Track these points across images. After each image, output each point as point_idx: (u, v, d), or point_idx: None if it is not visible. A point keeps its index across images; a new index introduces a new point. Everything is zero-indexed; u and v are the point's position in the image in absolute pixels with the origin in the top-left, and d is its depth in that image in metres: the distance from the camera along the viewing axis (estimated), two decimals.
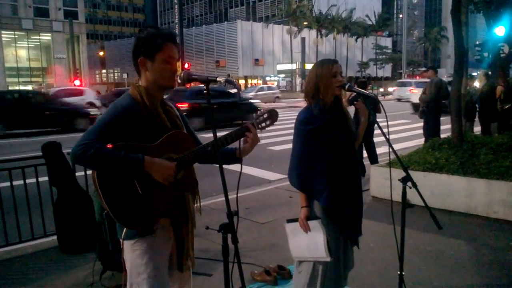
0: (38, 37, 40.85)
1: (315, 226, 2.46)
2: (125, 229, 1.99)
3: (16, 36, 39.65)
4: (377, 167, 6.31)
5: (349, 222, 2.52)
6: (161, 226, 2.01)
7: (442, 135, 7.60)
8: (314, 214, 2.51)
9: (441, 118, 8.83)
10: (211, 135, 1.90)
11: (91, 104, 20.56)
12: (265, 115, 2.12)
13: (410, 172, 2.47)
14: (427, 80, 9.49)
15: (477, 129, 9.71)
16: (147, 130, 1.93)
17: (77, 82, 31.26)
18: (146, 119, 1.94)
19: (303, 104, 2.62)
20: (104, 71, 75.00)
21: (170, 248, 2.08)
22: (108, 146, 1.82)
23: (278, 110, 2.17)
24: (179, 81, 2.00)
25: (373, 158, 7.45)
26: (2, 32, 37.42)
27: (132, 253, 2.00)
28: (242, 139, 2.08)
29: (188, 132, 2.14)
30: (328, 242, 2.43)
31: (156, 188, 1.91)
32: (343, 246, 2.53)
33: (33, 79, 41.87)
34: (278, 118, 2.16)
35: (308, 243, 2.48)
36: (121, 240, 2.04)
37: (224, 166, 1.87)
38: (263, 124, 2.11)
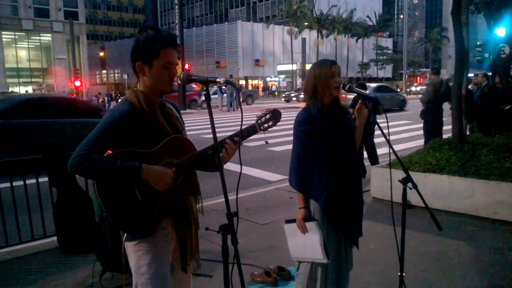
0: (38, 38, 40.86)
1: (312, 227, 2.45)
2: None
3: (16, 37, 39.65)
4: (377, 168, 6.30)
5: (349, 223, 2.51)
6: (162, 226, 2.00)
7: (444, 136, 7.59)
8: (311, 215, 2.50)
9: (443, 119, 8.81)
10: None
11: None
12: (268, 116, 2.05)
13: (411, 173, 2.46)
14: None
15: None
16: (146, 135, 1.90)
17: (77, 83, 31.24)
18: (144, 124, 1.91)
19: (303, 104, 2.61)
20: (104, 71, 75.01)
21: (172, 248, 2.07)
22: (107, 152, 1.80)
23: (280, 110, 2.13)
24: (179, 82, 1.98)
25: (374, 159, 7.44)
26: (3, 32, 37.43)
27: (135, 254, 2.00)
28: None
29: None
30: (325, 244, 2.42)
31: (155, 193, 1.89)
32: (344, 246, 2.53)
33: (33, 80, 41.87)
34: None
35: (306, 244, 2.47)
36: (124, 242, 2.03)
37: (224, 167, 1.86)
38: (266, 125, 2.06)
